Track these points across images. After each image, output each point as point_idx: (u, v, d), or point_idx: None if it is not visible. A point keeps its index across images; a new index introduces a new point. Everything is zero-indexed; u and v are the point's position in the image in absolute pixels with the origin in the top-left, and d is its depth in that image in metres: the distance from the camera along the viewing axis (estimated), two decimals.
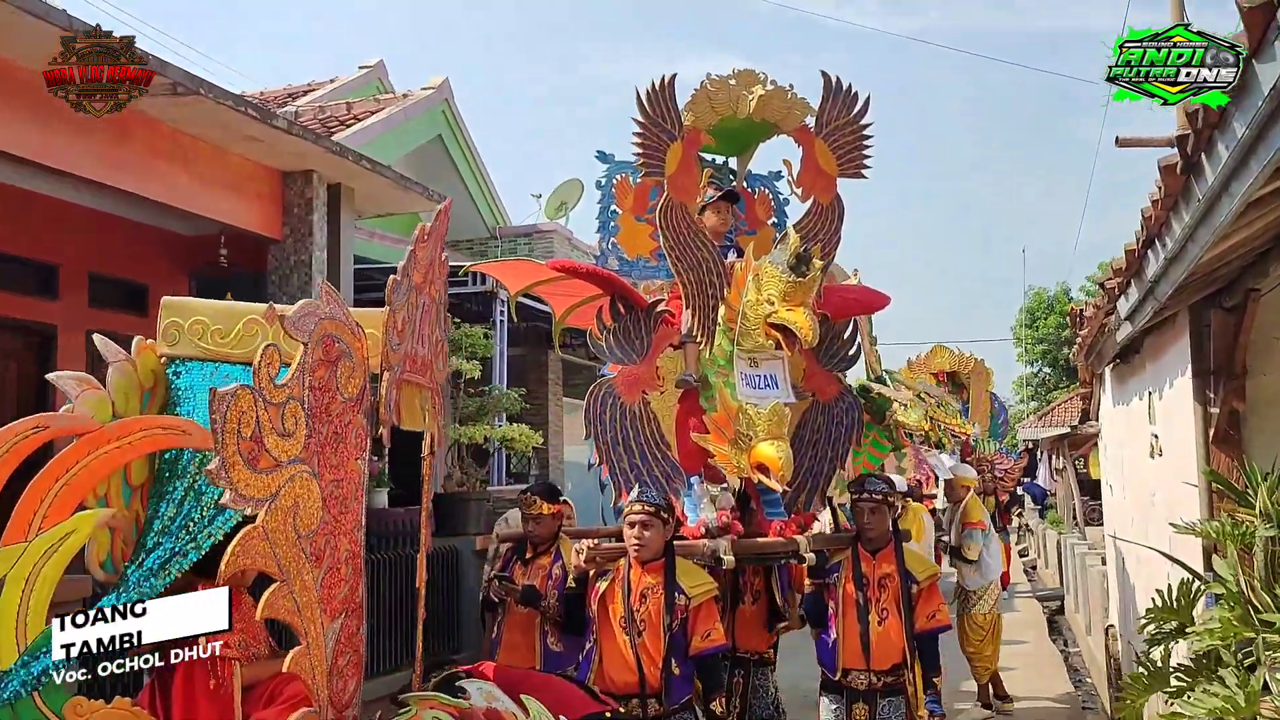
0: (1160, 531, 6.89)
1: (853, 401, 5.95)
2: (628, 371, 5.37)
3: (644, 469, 5.30)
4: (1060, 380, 44.99)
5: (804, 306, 5.02)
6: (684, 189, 5.50)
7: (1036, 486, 27.26)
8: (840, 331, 5.94)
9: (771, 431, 5.06)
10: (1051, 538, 20.83)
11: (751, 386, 5.30)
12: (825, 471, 5.83)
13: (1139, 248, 4.45)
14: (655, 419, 5.43)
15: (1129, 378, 8.31)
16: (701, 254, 5.44)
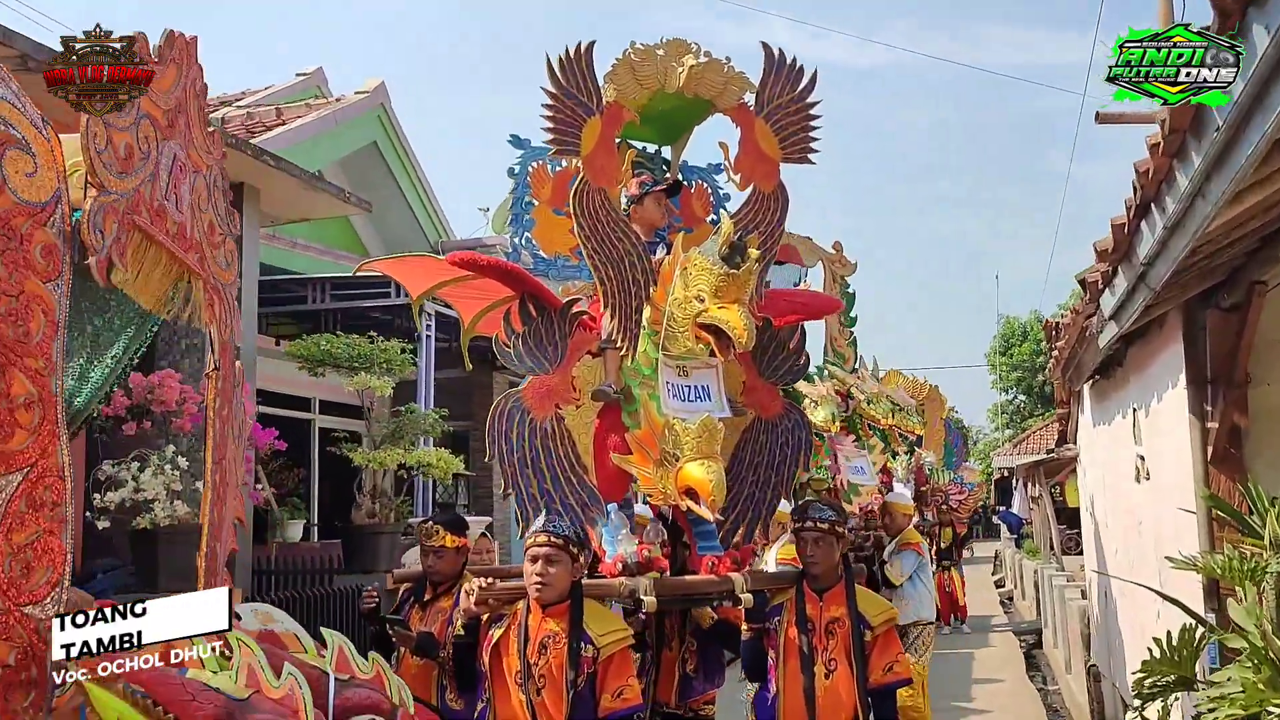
0: (1149, 564, 6.44)
1: (799, 419, 5.27)
2: (539, 382, 4.70)
3: (556, 495, 4.65)
4: (1035, 408, 45.33)
5: (738, 304, 4.35)
6: (603, 171, 4.81)
7: (1012, 515, 26.92)
8: (785, 339, 5.20)
9: (701, 450, 4.37)
10: (1028, 568, 20.31)
11: (679, 399, 4.63)
12: (768, 499, 5.12)
13: (1130, 219, 3.75)
14: (570, 438, 4.76)
15: (1110, 394, 7.76)
16: (624, 246, 4.76)
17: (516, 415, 4.64)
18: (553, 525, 4.28)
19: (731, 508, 4.87)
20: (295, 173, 8.31)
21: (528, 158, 5.48)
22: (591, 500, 4.72)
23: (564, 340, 4.77)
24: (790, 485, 5.25)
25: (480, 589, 4.34)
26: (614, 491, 4.81)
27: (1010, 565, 25.91)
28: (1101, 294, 4.79)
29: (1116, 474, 7.78)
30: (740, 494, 5.01)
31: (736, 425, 5.02)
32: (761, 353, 5.05)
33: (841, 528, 4.73)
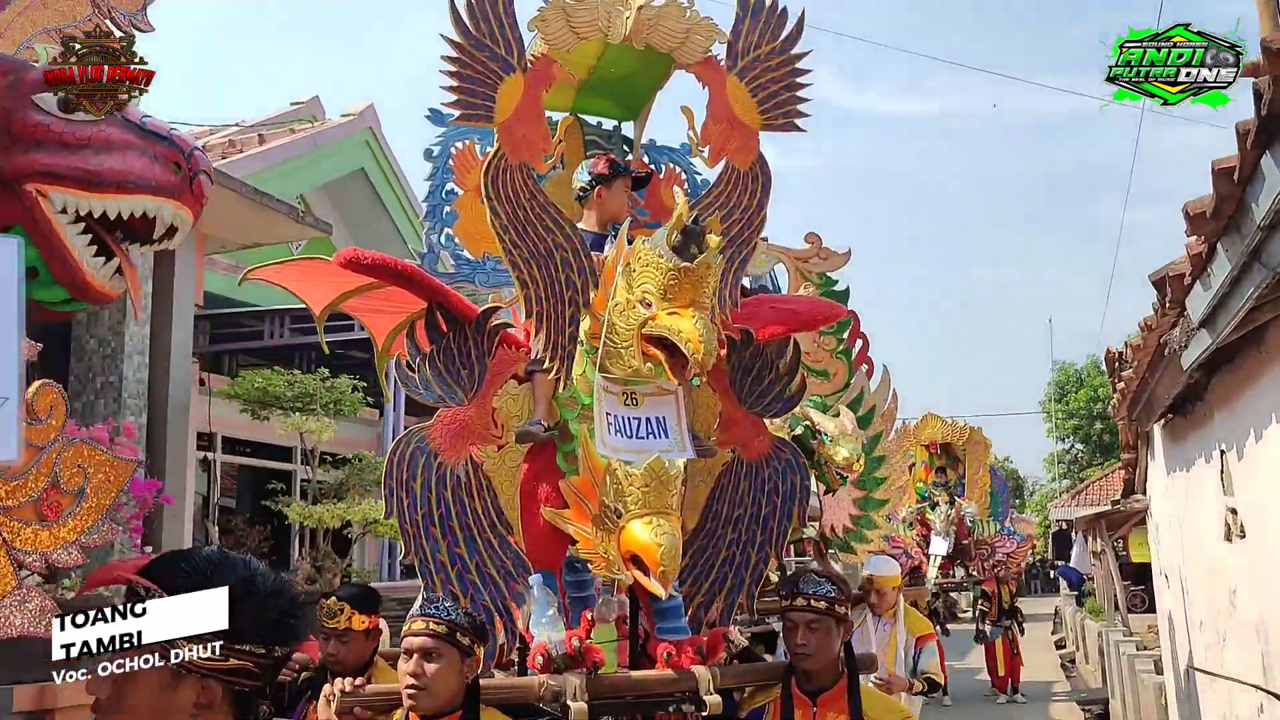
0: (1246, 643, 5.26)
1: (793, 460, 4.19)
2: (450, 417, 3.81)
3: (472, 562, 3.76)
4: (1094, 457, 44.59)
5: (694, 307, 3.40)
6: (525, 143, 3.82)
7: (1072, 571, 25.59)
8: (772, 357, 4.12)
9: (649, 504, 3.43)
10: (1091, 629, 18.91)
11: (623, 434, 3.67)
12: (751, 562, 4.11)
13: (1244, 156, 2.54)
14: (490, 487, 3.89)
15: (1187, 435, 6.54)
16: (554, 239, 3.80)
17: (420, 460, 3.76)
18: (433, 607, 3.29)
19: (702, 576, 4.02)
20: (233, 186, 7.32)
21: (450, 137, 4.58)
22: (518, 568, 3.83)
23: (481, 361, 3.87)
24: (782, 544, 4.23)
25: (342, 694, 3.37)
26: (547, 556, 3.86)
27: (1071, 625, 24.57)
28: (1189, 289, 3.57)
29: (1198, 531, 6.57)
30: (715, 557, 4.07)
31: (710, 469, 4.08)
32: (743, 375, 4.07)
33: (844, 607, 3.69)
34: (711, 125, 4.11)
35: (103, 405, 7.44)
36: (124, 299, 7.38)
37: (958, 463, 13.59)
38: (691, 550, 3.91)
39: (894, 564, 6.78)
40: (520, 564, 3.81)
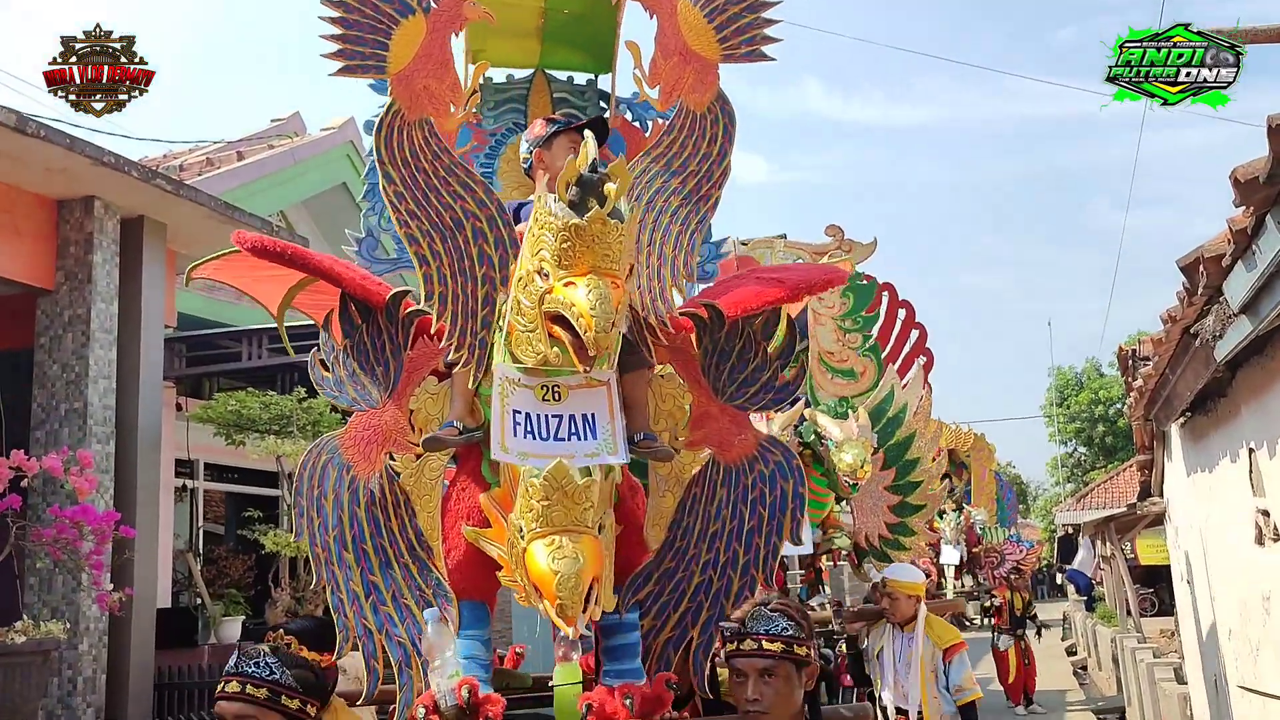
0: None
1: (785, 463, 3.52)
2: (363, 422, 3.38)
3: (387, 591, 3.35)
4: (1097, 459, 44.21)
5: (594, 274, 2.86)
6: (427, 95, 3.36)
7: (1080, 575, 25.20)
8: (756, 337, 3.52)
9: (552, 520, 2.86)
10: (1104, 635, 18.56)
11: (534, 435, 3.08)
12: (732, 589, 3.46)
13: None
14: (408, 504, 3.39)
15: (1210, 433, 6.26)
16: (464, 205, 3.31)
17: (332, 473, 3.37)
18: (252, 663, 2.83)
19: (670, 606, 3.39)
20: (203, 200, 7.03)
21: None
22: (439, 598, 3.32)
23: (396, 355, 3.39)
24: (772, 564, 3.51)
25: None
26: (472, 584, 3.33)
27: (1082, 631, 24.21)
28: (1229, 271, 3.23)
29: (1225, 534, 6.27)
30: (686, 583, 3.43)
31: (678, 476, 3.48)
32: (718, 360, 3.49)
33: (805, 648, 3.00)
34: (661, 60, 3.57)
35: (67, 433, 7.13)
36: (89, 321, 7.13)
37: (962, 469, 13.32)
38: (657, 574, 3.37)
39: (916, 571, 6.28)
40: (442, 593, 3.30)
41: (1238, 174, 2.94)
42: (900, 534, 6.31)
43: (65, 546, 6.27)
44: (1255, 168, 2.82)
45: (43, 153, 6.23)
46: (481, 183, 3.35)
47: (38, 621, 6.39)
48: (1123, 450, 38.24)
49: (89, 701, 7.43)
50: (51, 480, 6.57)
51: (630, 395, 3.26)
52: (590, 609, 2.83)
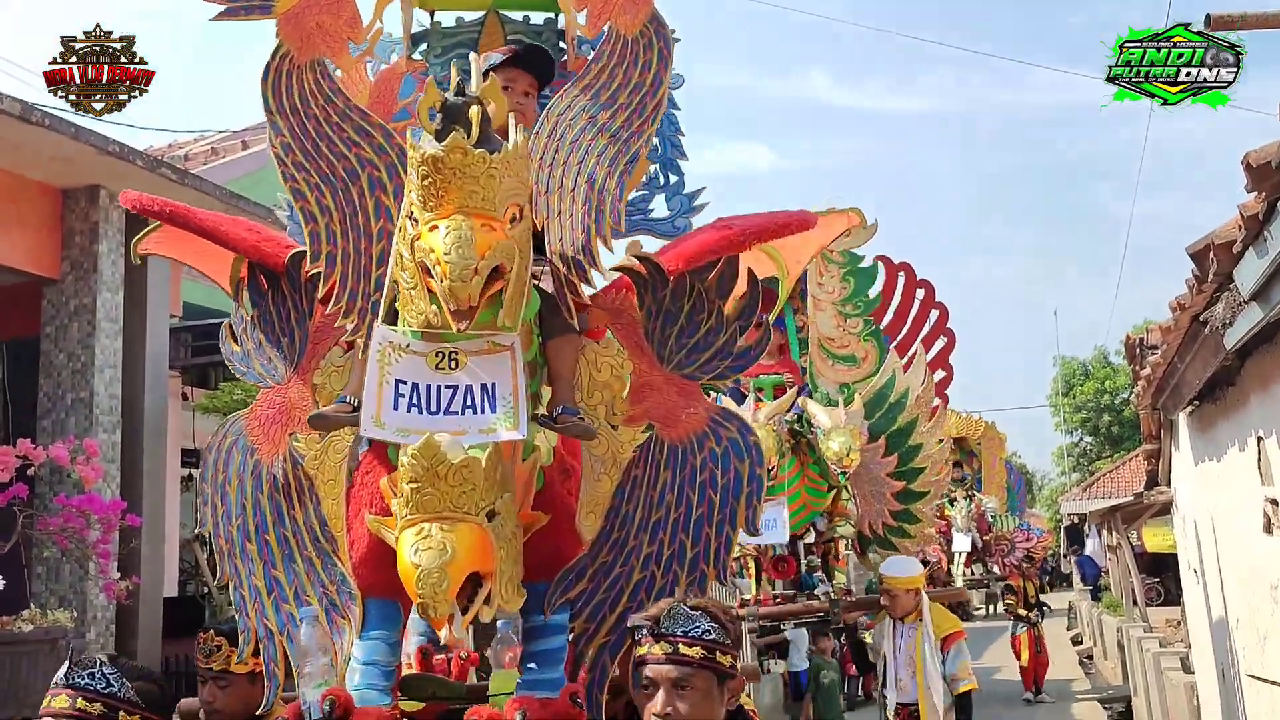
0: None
1: (737, 441, 3.05)
2: (268, 400, 3.10)
3: (290, 587, 3.05)
4: (1103, 449, 44.08)
5: (461, 215, 2.52)
6: (321, 34, 3.07)
7: (1091, 563, 25.17)
8: (710, 295, 3.04)
9: (422, 505, 2.51)
10: (1110, 624, 18.48)
11: (423, 408, 2.73)
12: (679, 585, 2.99)
13: None
14: (312, 491, 3.07)
15: (1218, 421, 6.23)
16: (360, 154, 3.00)
17: (237, 457, 3.10)
18: (85, 675, 2.50)
19: (606, 607, 2.96)
20: (208, 189, 7.05)
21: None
22: (343, 595, 2.99)
23: (302, 325, 3.07)
24: (724, 558, 3.02)
25: None
26: (378, 578, 2.92)
27: (1088, 620, 24.14)
28: (1240, 257, 3.21)
29: (1233, 523, 6.24)
30: (624, 580, 3.00)
31: (615, 456, 3.05)
32: (664, 322, 3.03)
33: (730, 656, 2.40)
34: None
35: (74, 422, 7.15)
36: (95, 310, 7.13)
37: (973, 458, 13.27)
38: (591, 570, 2.95)
39: (912, 564, 6.20)
40: (346, 589, 2.96)
41: (1250, 159, 2.92)
42: (904, 521, 6.25)
43: (72, 535, 6.28)
44: (1268, 152, 2.79)
45: (47, 142, 6.25)
46: (381, 127, 3.01)
47: (45, 610, 6.42)
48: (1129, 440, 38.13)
49: None
50: (58, 469, 6.58)
51: (555, 364, 2.96)
52: (476, 609, 2.52)
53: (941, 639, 6.02)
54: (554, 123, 2.99)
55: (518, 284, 2.61)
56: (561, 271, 2.87)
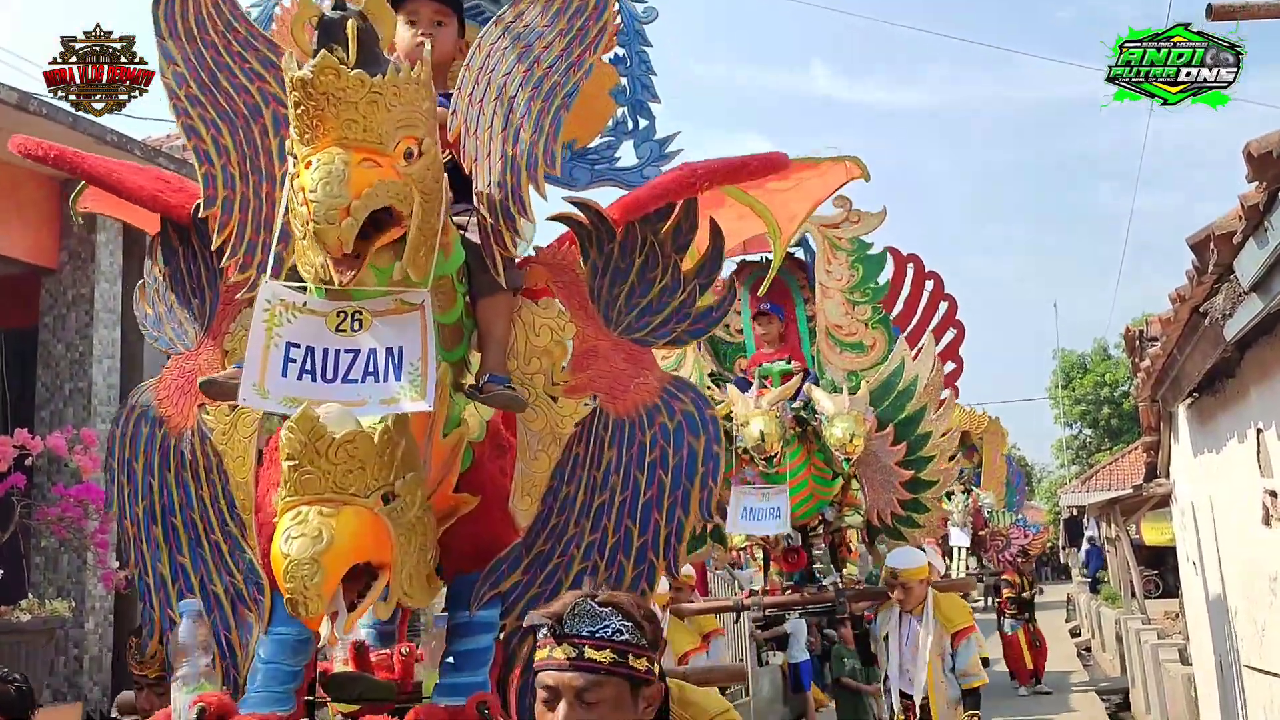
0: None
1: (693, 415, 2.68)
2: (177, 368, 2.81)
3: (196, 576, 2.77)
4: (1103, 441, 44.03)
5: (339, 147, 2.17)
6: None
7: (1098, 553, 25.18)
8: (661, 250, 2.69)
9: (300, 486, 2.19)
10: (1108, 616, 18.51)
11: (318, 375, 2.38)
12: (625, 577, 2.66)
13: None
14: (220, 469, 2.78)
15: (1217, 414, 6.21)
16: (263, 88, 2.69)
17: (144, 430, 2.80)
18: None
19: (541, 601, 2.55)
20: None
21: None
22: (250, 584, 2.73)
23: (213, 285, 2.77)
24: (677, 548, 2.68)
25: None
26: None
27: (1086, 612, 24.18)
28: (1240, 248, 3.20)
29: (1232, 515, 6.23)
30: (563, 571, 2.65)
31: (554, 431, 2.69)
32: (612, 280, 2.69)
33: (646, 659, 2.00)
34: None
35: (71, 413, 7.16)
36: (93, 300, 7.10)
37: (973, 452, 13.10)
38: (527, 560, 2.63)
39: (919, 554, 6.12)
40: (253, 579, 2.69)
41: (1251, 149, 2.91)
42: (913, 510, 6.19)
43: (70, 525, 6.27)
44: (1269, 142, 2.79)
45: (45, 131, 6.18)
46: (285, 54, 2.53)
47: (43, 600, 6.40)
48: (1128, 433, 38.09)
49: (95, 680, 7.44)
50: (56, 459, 6.56)
51: (485, 326, 2.65)
52: (367, 605, 2.23)
53: (952, 634, 5.95)
54: (485, 53, 2.64)
55: (422, 232, 2.29)
56: (487, 221, 2.55)
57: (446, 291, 2.52)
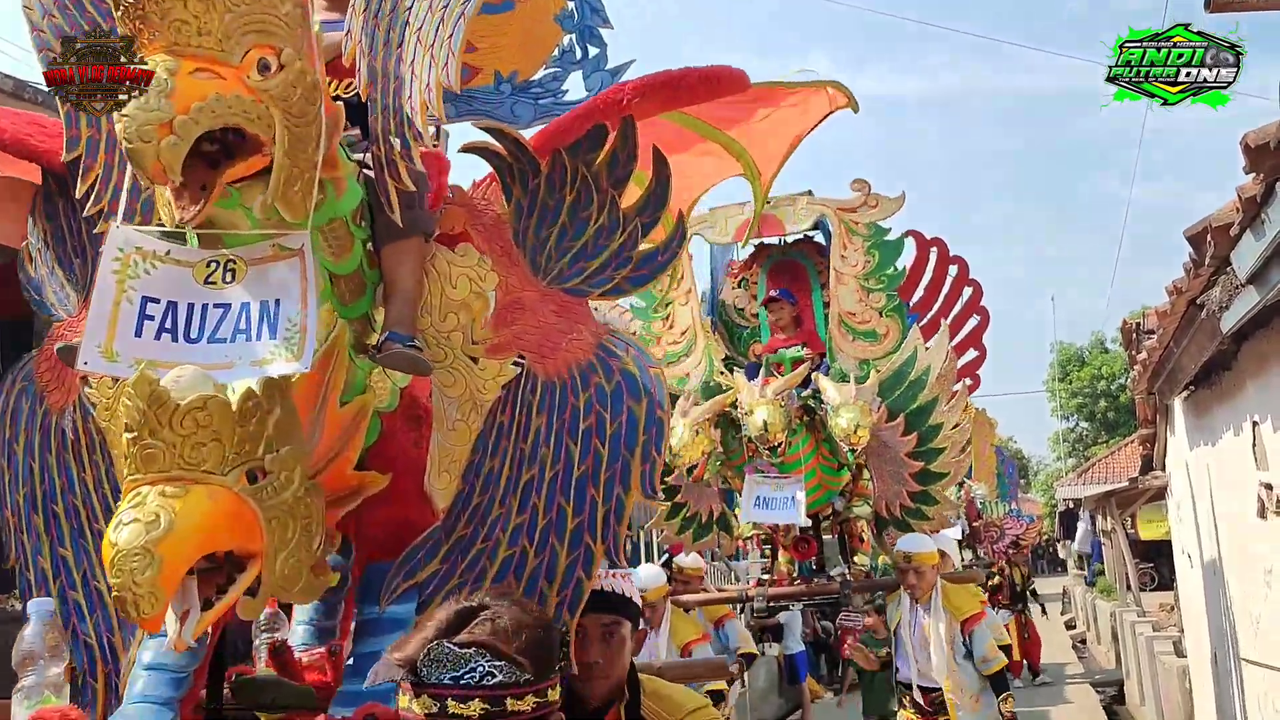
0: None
1: (632, 376, 2.31)
2: (60, 335, 2.49)
3: (78, 570, 2.49)
4: (1099, 435, 44.02)
5: (170, 54, 1.87)
6: None
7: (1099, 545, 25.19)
8: (595, 184, 2.33)
9: (146, 461, 1.87)
10: (1103, 609, 18.54)
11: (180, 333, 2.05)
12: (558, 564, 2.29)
13: None
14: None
15: (1213, 407, 6.20)
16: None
17: (25, 408, 2.51)
18: None
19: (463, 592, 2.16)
20: None
21: None
22: None
23: (95, 243, 2.40)
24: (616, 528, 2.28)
25: None
26: None
27: (1082, 605, 24.23)
28: (1237, 240, 3.20)
29: (1227, 507, 6.21)
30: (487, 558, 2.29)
31: (474, 398, 2.33)
32: (539, 221, 2.34)
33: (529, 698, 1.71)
34: None
35: None
36: None
37: None
38: (447, 546, 2.29)
39: (928, 540, 6.01)
40: None
41: (1248, 139, 2.90)
42: (923, 502, 6.06)
43: None
44: (1267, 133, 2.78)
45: None
46: None
47: None
48: (1124, 426, 38.09)
49: None
50: None
51: (390, 276, 2.31)
52: (228, 603, 1.92)
53: (962, 621, 5.90)
54: None
55: (294, 162, 1.98)
56: (380, 152, 2.24)
57: (341, 236, 2.22)
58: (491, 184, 2.38)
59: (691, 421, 5.79)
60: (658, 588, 5.88)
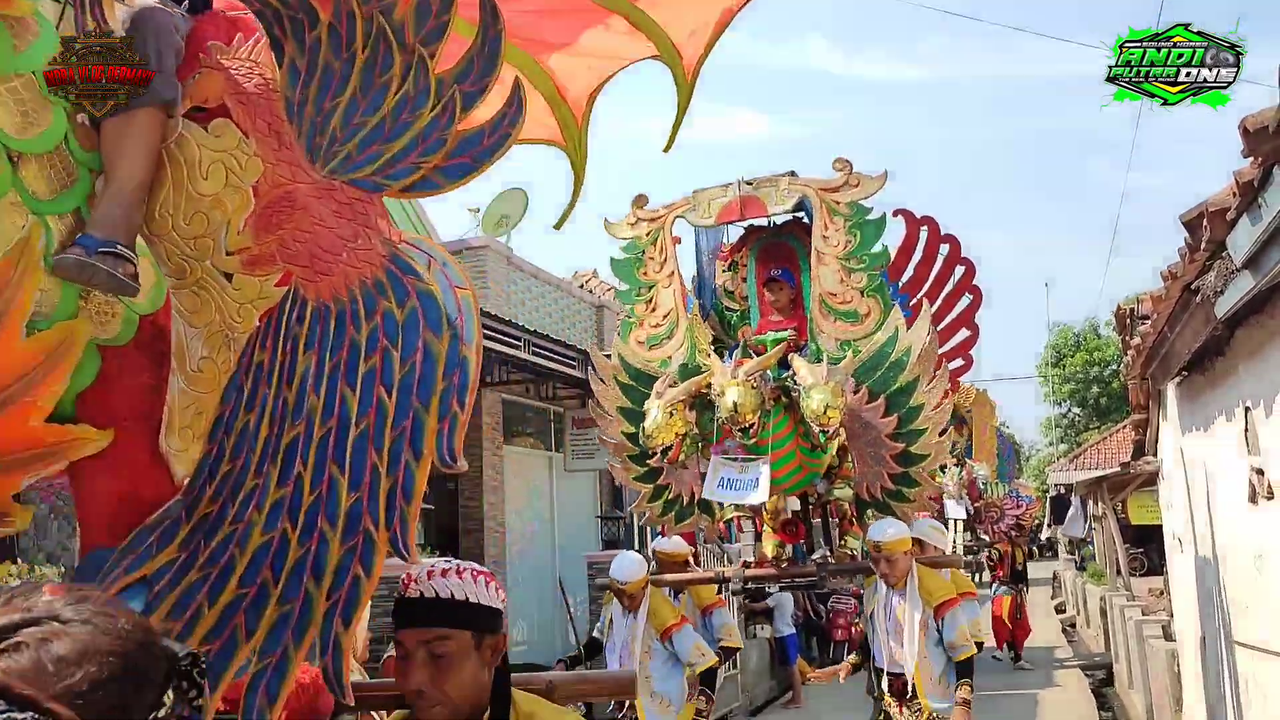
0: (1276, 611, 4.90)
1: (432, 297, 1.70)
2: None
3: None
4: (1090, 420, 44.06)
5: None
6: None
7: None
8: (394, 38, 1.70)
9: None
10: (1093, 593, 18.61)
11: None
12: (329, 553, 1.71)
13: None
14: None
15: (1206, 392, 6.18)
16: None
17: None
18: None
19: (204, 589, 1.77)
20: None
21: None
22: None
23: None
24: (401, 503, 1.70)
25: None
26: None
27: (1072, 589, 24.31)
28: (1234, 224, 3.19)
29: (1219, 493, 6.19)
30: (235, 547, 1.77)
31: (224, 330, 1.82)
32: (320, 89, 1.75)
33: None
34: None
35: None
36: None
37: (963, 425, 13.04)
38: (188, 529, 1.78)
39: (900, 525, 5.92)
40: None
41: (1246, 123, 2.87)
42: (903, 485, 6.02)
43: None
44: (1264, 117, 2.76)
45: None
46: None
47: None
48: (1116, 411, 38.17)
49: None
50: None
51: (107, 159, 1.82)
52: None
53: (935, 606, 5.82)
54: None
55: None
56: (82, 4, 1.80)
57: (27, 100, 1.74)
58: (260, 42, 1.83)
59: (666, 403, 5.72)
60: (638, 580, 5.87)
